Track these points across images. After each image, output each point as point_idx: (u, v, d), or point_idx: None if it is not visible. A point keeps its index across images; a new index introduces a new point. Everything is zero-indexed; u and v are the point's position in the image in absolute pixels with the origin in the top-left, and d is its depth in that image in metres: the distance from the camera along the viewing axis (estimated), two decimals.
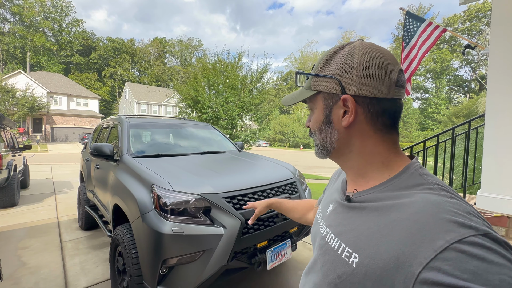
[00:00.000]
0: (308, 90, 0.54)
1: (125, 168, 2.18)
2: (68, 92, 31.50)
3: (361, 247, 0.42)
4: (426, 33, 3.60)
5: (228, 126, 8.72)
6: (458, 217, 0.35)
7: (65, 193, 6.26)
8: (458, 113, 22.80)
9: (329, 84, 0.49)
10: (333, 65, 0.49)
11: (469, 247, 0.32)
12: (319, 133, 0.54)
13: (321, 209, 0.63)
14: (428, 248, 0.34)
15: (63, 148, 22.35)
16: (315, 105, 0.54)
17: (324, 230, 0.54)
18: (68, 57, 50.80)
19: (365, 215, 0.45)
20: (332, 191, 0.63)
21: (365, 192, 0.49)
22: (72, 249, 3.17)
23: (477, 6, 36.22)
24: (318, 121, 0.53)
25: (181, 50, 56.97)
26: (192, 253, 1.51)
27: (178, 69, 11.99)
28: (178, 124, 3.33)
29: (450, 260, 0.32)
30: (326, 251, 0.50)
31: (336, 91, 0.48)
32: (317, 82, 0.51)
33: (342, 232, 0.48)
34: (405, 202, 0.41)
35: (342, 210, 0.52)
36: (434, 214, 0.36)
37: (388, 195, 0.44)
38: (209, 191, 1.69)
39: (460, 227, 0.34)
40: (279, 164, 2.56)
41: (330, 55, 0.51)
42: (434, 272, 0.32)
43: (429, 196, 0.40)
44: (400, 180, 0.45)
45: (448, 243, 0.33)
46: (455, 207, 0.37)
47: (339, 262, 0.45)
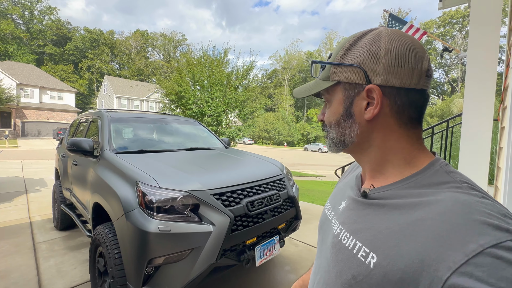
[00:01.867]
0: (325, 81, 0.49)
1: (106, 164, 2.07)
2: (41, 84, 29.50)
3: (379, 247, 0.39)
4: None
5: (213, 122, 8.60)
6: (493, 219, 0.32)
7: (38, 192, 5.88)
8: (432, 113, 24.17)
9: (352, 73, 0.45)
10: (356, 52, 0.44)
11: (506, 253, 0.29)
12: (336, 127, 0.49)
13: (332, 206, 0.59)
14: (459, 251, 0.31)
15: (35, 143, 20.95)
16: (333, 97, 0.49)
17: (337, 228, 0.51)
18: (41, 47, 47.55)
19: (384, 213, 0.42)
20: (344, 187, 0.59)
21: (384, 188, 0.45)
22: (47, 250, 2.98)
23: (451, 13, 38.37)
24: (336, 114, 0.49)
25: (164, 44, 55.30)
26: (179, 252, 1.46)
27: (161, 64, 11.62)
28: (162, 119, 3.22)
29: (484, 266, 0.29)
30: (339, 249, 0.47)
31: (360, 81, 0.44)
32: (336, 72, 0.47)
33: (358, 230, 0.45)
34: (431, 200, 0.38)
35: (357, 207, 0.49)
36: (465, 215, 0.33)
37: (410, 193, 0.41)
38: (197, 187, 1.64)
39: (496, 230, 0.31)
40: (267, 161, 2.55)
41: (351, 42, 0.46)
42: (465, 278, 0.29)
43: (458, 195, 0.37)
44: (423, 177, 0.42)
45: (482, 247, 0.30)
46: (489, 208, 0.34)
47: (354, 262, 0.42)
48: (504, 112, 2.03)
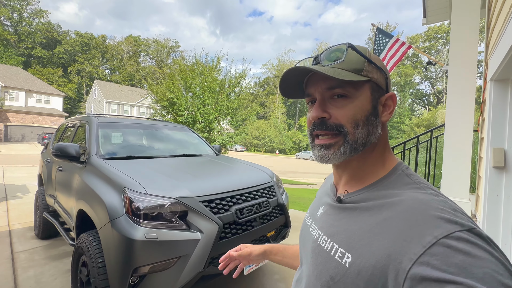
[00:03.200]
0: (355, 74, 0.47)
1: (92, 170, 2.03)
2: (27, 87, 28.67)
3: (353, 247, 0.42)
4: (394, 48, 3.90)
5: (205, 129, 8.56)
6: (445, 213, 0.36)
7: (19, 199, 5.64)
8: (419, 123, 24.96)
9: (380, 76, 0.48)
10: (378, 60, 0.49)
11: (455, 242, 0.33)
12: (365, 125, 0.47)
13: (311, 213, 0.62)
14: (418, 244, 0.34)
15: (19, 148, 20.18)
16: (358, 93, 0.47)
17: (315, 233, 0.54)
18: (29, 50, 46.46)
19: (357, 215, 0.46)
20: (321, 195, 0.63)
21: (356, 193, 0.49)
22: (26, 260, 2.84)
23: (435, 28, 40.21)
24: (364, 111, 0.47)
25: (157, 50, 55.19)
26: (166, 260, 1.43)
27: (153, 69, 11.57)
28: (153, 125, 3.19)
29: (438, 255, 0.32)
30: (318, 253, 0.49)
31: (383, 86, 0.49)
32: (371, 69, 0.48)
33: (335, 233, 0.48)
34: (395, 201, 0.42)
35: (334, 212, 0.52)
36: (423, 211, 0.38)
37: (378, 195, 0.45)
38: (186, 194, 1.63)
39: (447, 223, 0.35)
40: (257, 168, 2.56)
41: (366, 49, 0.50)
42: (423, 266, 0.33)
43: (417, 194, 0.41)
44: (389, 180, 0.47)
45: (436, 238, 0.34)
46: (442, 204, 0.38)
47: (332, 263, 0.45)
48: (483, 123, 2.13)
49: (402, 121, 40.82)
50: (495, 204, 1.71)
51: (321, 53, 0.51)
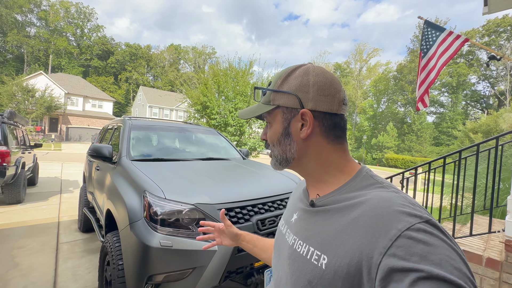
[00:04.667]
0: (266, 105, 0.56)
1: (121, 171, 2.08)
2: (85, 94, 32.56)
3: (328, 248, 0.44)
4: (446, 43, 3.40)
5: (236, 132, 8.65)
6: (406, 208, 0.40)
7: (70, 193, 6.28)
8: (476, 129, 21.89)
9: (288, 99, 0.53)
10: (291, 82, 0.53)
11: (416, 233, 0.36)
12: (278, 145, 0.56)
13: (285, 221, 0.64)
14: (385, 238, 0.37)
15: (76, 147, 22.90)
16: (274, 119, 0.56)
17: (291, 239, 0.55)
18: (88, 61, 52.88)
19: (329, 217, 0.48)
20: (294, 202, 0.65)
21: (327, 196, 0.52)
22: (67, 251, 3.08)
23: (497, 20, 35.40)
24: (276, 134, 0.56)
25: (195, 57, 58.29)
26: (181, 270, 1.36)
27: (191, 75, 12.14)
28: (182, 128, 3.24)
29: (402, 246, 0.35)
30: (295, 259, 0.50)
31: (295, 106, 0.52)
32: (276, 97, 0.54)
33: (310, 236, 0.49)
34: (363, 200, 0.45)
35: (307, 216, 0.54)
36: (387, 207, 0.41)
37: (347, 196, 0.48)
38: (205, 201, 1.55)
39: (408, 216, 0.38)
40: (284, 175, 2.40)
41: (286, 74, 0.54)
42: (391, 258, 0.35)
43: (381, 193, 0.45)
44: (355, 182, 0.50)
45: (400, 231, 0.37)
46: (402, 200, 0.42)
47: (308, 267, 0.46)
48: None
49: (454, 126, 36.50)
50: None
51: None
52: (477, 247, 2.03)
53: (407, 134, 37.79)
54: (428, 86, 3.53)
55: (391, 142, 33.69)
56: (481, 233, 2.12)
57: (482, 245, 2.11)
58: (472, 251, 1.95)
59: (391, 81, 46.05)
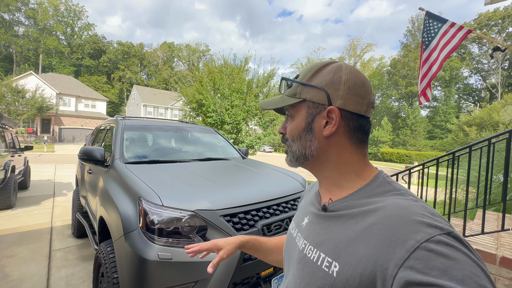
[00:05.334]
0: (292, 97, 0.54)
1: (114, 175, 1.95)
2: (77, 93, 31.92)
3: (340, 255, 0.42)
4: (448, 34, 3.32)
5: (233, 130, 8.50)
6: (425, 218, 0.38)
7: (64, 196, 6.09)
8: (469, 122, 22.08)
9: (316, 94, 0.51)
10: (322, 77, 0.51)
11: (436, 246, 0.34)
12: (298, 140, 0.54)
13: (295, 224, 0.62)
14: (402, 249, 0.36)
15: (70, 148, 22.45)
16: (296, 113, 0.54)
17: (301, 243, 0.54)
18: (79, 60, 51.82)
19: (342, 223, 0.46)
20: (305, 205, 0.63)
21: (340, 201, 0.50)
22: (61, 259, 2.93)
23: (488, 14, 35.71)
24: (298, 128, 0.54)
25: (188, 55, 57.61)
26: (182, 285, 1.24)
27: (185, 73, 11.92)
28: (178, 127, 3.10)
29: (421, 259, 0.34)
30: (305, 264, 0.49)
31: (322, 102, 0.50)
32: (303, 91, 0.52)
33: (321, 242, 0.48)
34: (378, 207, 0.43)
35: (319, 221, 0.52)
36: (405, 217, 0.39)
37: (362, 202, 0.46)
38: (206, 207, 1.43)
39: (428, 227, 0.37)
40: (287, 175, 2.29)
41: (318, 68, 0.52)
42: (408, 271, 0.34)
43: (398, 200, 0.43)
44: (371, 187, 0.48)
45: (418, 242, 0.35)
46: (422, 209, 0.40)
47: (319, 274, 0.45)
48: None
49: (447, 119, 36.86)
50: None
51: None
52: (490, 245, 1.96)
53: (402, 128, 38.07)
54: (430, 79, 3.45)
55: (386, 136, 33.91)
56: (494, 230, 2.05)
57: (493, 243, 2.04)
58: (485, 250, 1.88)
59: (385, 76, 46.21)
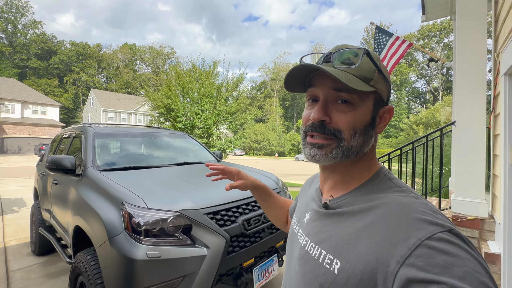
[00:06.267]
0: (364, 82, 0.46)
1: (89, 183, 1.92)
2: (23, 98, 28.50)
3: (341, 252, 0.42)
4: (394, 46, 3.84)
5: (203, 135, 8.46)
6: (426, 215, 0.38)
7: (15, 213, 5.48)
8: (418, 121, 24.94)
9: (385, 88, 0.48)
10: (386, 70, 0.47)
11: (437, 243, 0.34)
12: (362, 134, 0.48)
13: (297, 219, 0.62)
14: (404, 246, 0.35)
15: (15, 160, 19.92)
16: (362, 102, 0.47)
17: (303, 240, 0.53)
18: (24, 61, 46.37)
19: (344, 220, 0.46)
20: (307, 200, 0.62)
21: (341, 198, 0.49)
22: (22, 279, 2.70)
23: (428, 26, 40.59)
24: (364, 121, 0.48)
25: (152, 57, 55.24)
26: (170, 280, 1.32)
27: (149, 76, 11.50)
28: (151, 133, 3.08)
29: (422, 256, 0.34)
30: (307, 261, 0.48)
31: (384, 98, 0.49)
32: (379, 80, 0.47)
33: (322, 239, 0.47)
34: (379, 204, 0.43)
35: (320, 218, 0.52)
36: (406, 214, 0.39)
37: (363, 199, 0.46)
38: (189, 207, 1.52)
39: (429, 224, 0.37)
40: (262, 174, 2.46)
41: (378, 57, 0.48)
42: (409, 268, 0.33)
43: (400, 198, 0.43)
44: (372, 184, 0.48)
45: (420, 240, 0.35)
46: (423, 206, 0.40)
47: (320, 271, 0.44)
48: (496, 119, 2.05)
49: (400, 119, 40.90)
50: None
51: (333, 51, 0.48)
52: None
53: None
54: None
55: None
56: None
57: None
58: None
59: None
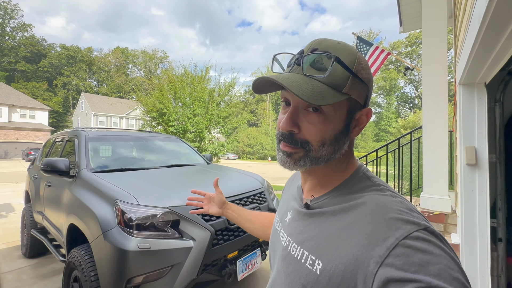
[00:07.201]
0: (336, 91, 0.42)
1: (83, 184, 2.03)
2: (10, 102, 27.88)
3: (323, 253, 0.42)
4: (374, 55, 4.10)
5: (195, 139, 8.57)
6: (404, 214, 0.39)
7: (3, 218, 5.44)
8: (405, 125, 25.78)
9: (361, 92, 0.44)
10: (365, 71, 0.44)
11: (414, 242, 0.35)
12: (332, 144, 0.45)
13: (279, 218, 0.61)
14: (382, 246, 0.36)
15: (2, 165, 19.43)
16: (334, 110, 0.44)
17: (285, 240, 0.53)
18: (12, 64, 45.43)
19: (324, 220, 0.46)
20: (288, 199, 0.62)
21: (322, 198, 0.49)
22: (14, 281, 2.76)
23: (415, 34, 41.98)
24: (335, 130, 0.45)
25: (145, 61, 54.99)
26: (159, 269, 1.46)
27: (142, 81, 11.56)
28: (143, 137, 3.21)
29: (400, 256, 0.34)
30: (289, 261, 0.48)
31: (362, 101, 0.45)
32: (354, 85, 0.43)
33: (304, 240, 0.47)
34: (358, 203, 0.43)
35: (302, 218, 0.51)
36: (384, 214, 0.39)
37: (343, 199, 0.46)
38: (178, 203, 1.66)
39: (406, 223, 0.37)
40: (248, 175, 2.62)
41: (358, 56, 0.44)
42: (388, 268, 0.34)
43: (377, 197, 0.43)
44: (352, 183, 0.48)
45: (397, 240, 0.36)
46: (400, 205, 0.41)
47: (303, 271, 0.44)
48: (456, 124, 2.28)
49: (389, 123, 41.94)
50: (470, 199, 1.83)
51: (305, 53, 0.45)
52: None
53: None
54: None
55: None
56: None
57: None
58: None
59: None
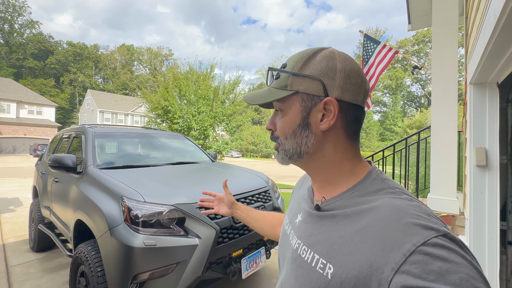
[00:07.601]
0: (282, 90, 0.49)
1: (90, 180, 2.05)
2: (19, 98, 28.36)
3: (335, 257, 0.41)
4: (381, 54, 4.03)
5: (200, 136, 8.60)
6: (421, 219, 0.37)
7: (12, 212, 5.55)
8: (411, 125, 25.45)
9: (311, 85, 0.46)
10: (315, 66, 0.47)
11: (432, 249, 0.33)
12: (292, 137, 0.50)
13: (289, 220, 0.60)
14: (398, 253, 0.34)
15: (10, 160, 19.80)
16: (288, 107, 0.49)
17: (295, 242, 0.52)
18: (20, 61, 46.14)
19: (336, 223, 0.45)
20: (298, 200, 0.61)
21: (334, 199, 0.48)
22: (22, 274, 2.81)
23: (423, 32, 41.31)
24: (292, 124, 0.49)
25: (150, 59, 55.27)
26: (165, 266, 1.46)
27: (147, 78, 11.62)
28: (148, 134, 3.23)
29: (417, 263, 0.33)
30: (299, 264, 0.48)
31: (318, 93, 0.46)
32: (295, 82, 0.48)
33: (315, 242, 0.46)
34: (372, 207, 0.42)
35: (312, 220, 0.51)
36: (400, 219, 0.38)
37: (356, 201, 0.45)
38: (183, 201, 1.67)
39: (424, 229, 0.35)
40: (252, 174, 2.61)
41: (308, 55, 0.48)
42: (404, 275, 0.33)
43: (393, 200, 0.41)
44: (365, 185, 0.46)
45: (414, 246, 0.34)
46: (417, 210, 0.39)
47: (313, 275, 0.43)
48: (466, 124, 2.24)
49: (395, 123, 41.48)
50: (480, 201, 1.79)
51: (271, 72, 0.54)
52: None
53: None
54: (369, 91, 4.12)
55: None
56: None
57: None
58: None
59: None
